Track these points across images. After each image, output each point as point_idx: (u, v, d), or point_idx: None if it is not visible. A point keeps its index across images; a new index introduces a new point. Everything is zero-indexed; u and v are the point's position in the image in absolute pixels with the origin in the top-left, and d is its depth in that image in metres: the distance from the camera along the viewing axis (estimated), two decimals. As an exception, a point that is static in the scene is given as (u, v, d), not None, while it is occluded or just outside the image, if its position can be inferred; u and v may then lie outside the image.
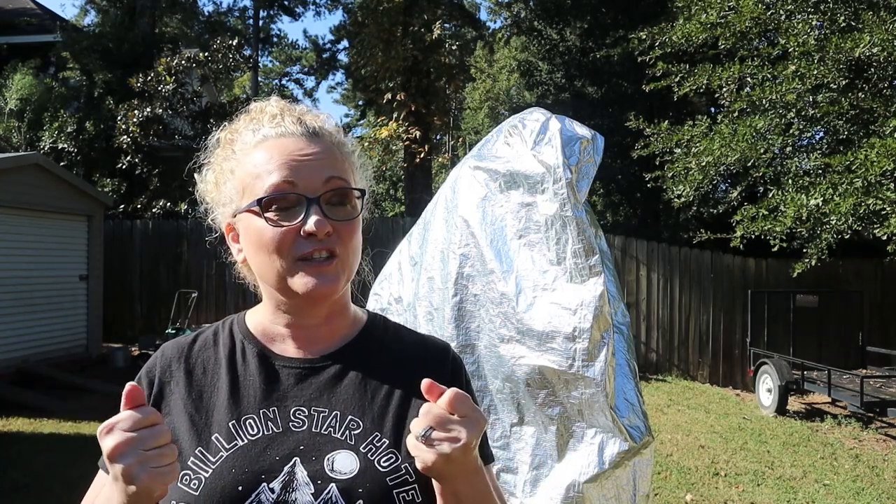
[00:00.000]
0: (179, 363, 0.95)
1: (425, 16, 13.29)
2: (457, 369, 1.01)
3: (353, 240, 0.91)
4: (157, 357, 0.98)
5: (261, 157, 0.89)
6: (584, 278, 2.09)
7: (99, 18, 17.61)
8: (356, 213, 0.91)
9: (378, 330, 1.01)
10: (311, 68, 28.88)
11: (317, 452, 0.86)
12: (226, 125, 0.99)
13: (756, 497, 4.74)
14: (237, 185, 0.92)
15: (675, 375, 9.18)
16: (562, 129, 2.22)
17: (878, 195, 5.33)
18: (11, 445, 5.48)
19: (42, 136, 10.98)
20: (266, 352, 0.94)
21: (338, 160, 0.92)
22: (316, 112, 0.99)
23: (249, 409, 0.89)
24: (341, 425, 0.88)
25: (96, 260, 8.88)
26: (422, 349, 1.01)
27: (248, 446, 0.86)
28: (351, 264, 0.91)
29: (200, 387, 0.93)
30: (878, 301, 9.14)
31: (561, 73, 15.47)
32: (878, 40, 5.51)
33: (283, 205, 0.87)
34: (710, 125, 7.14)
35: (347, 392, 0.91)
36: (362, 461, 0.86)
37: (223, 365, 0.94)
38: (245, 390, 0.91)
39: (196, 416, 0.90)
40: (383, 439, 0.88)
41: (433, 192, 9.76)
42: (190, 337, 1.00)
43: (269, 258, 0.87)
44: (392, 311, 2.70)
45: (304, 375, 0.92)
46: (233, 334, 0.98)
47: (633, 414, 2.12)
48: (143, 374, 0.96)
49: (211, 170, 0.98)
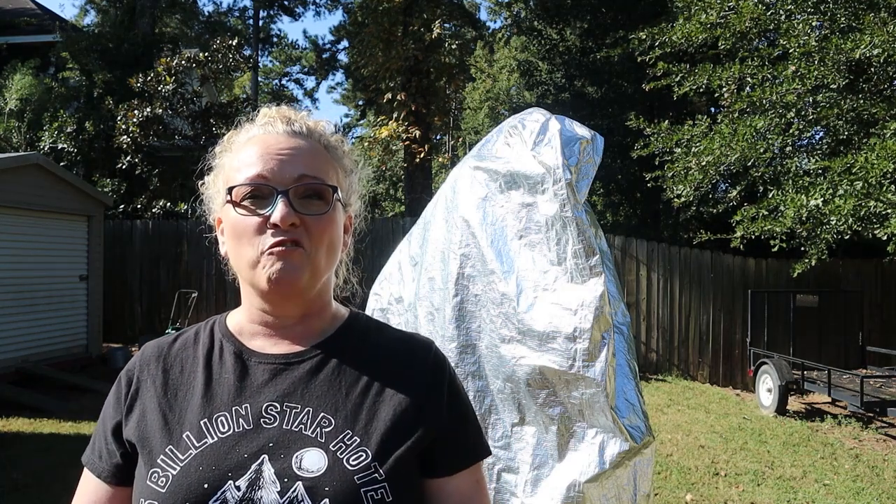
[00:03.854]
0: (158, 362, 0.96)
1: (425, 16, 13.28)
2: (438, 365, 0.99)
3: (325, 236, 0.90)
4: (137, 355, 0.99)
5: (245, 153, 0.93)
6: (584, 279, 2.09)
7: (99, 18, 17.63)
8: (326, 210, 0.91)
9: (359, 327, 1.00)
10: (311, 68, 28.90)
11: (285, 450, 0.85)
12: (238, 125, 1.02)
13: (756, 497, 4.74)
14: (224, 179, 0.95)
15: (675, 375, 9.18)
16: (562, 130, 2.22)
17: (879, 197, 5.33)
18: (11, 445, 5.48)
19: (42, 136, 10.98)
20: (242, 349, 0.95)
21: (318, 159, 0.93)
22: (317, 119, 1.01)
23: (222, 407, 0.89)
24: (312, 422, 0.88)
25: (96, 260, 8.88)
26: (402, 345, 1.00)
27: (217, 444, 0.86)
28: (319, 261, 0.90)
29: (176, 385, 0.93)
30: (878, 301, 9.14)
31: (561, 73, 15.46)
32: (879, 41, 5.51)
33: (256, 197, 0.89)
34: (710, 125, 7.14)
35: (321, 388, 0.91)
36: (330, 459, 0.85)
37: (200, 363, 0.94)
38: (219, 388, 0.91)
39: (170, 414, 0.90)
40: (354, 437, 0.87)
41: (433, 192, 9.76)
42: (172, 336, 1.00)
43: (240, 247, 0.89)
44: (392, 311, 2.70)
45: (279, 371, 0.92)
46: (213, 334, 0.98)
47: (634, 414, 2.12)
48: (124, 372, 0.97)
49: (213, 168, 1.01)
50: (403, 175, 17.05)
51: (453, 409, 0.96)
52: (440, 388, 0.96)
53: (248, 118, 1.01)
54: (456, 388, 0.99)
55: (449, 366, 1.01)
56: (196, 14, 21.67)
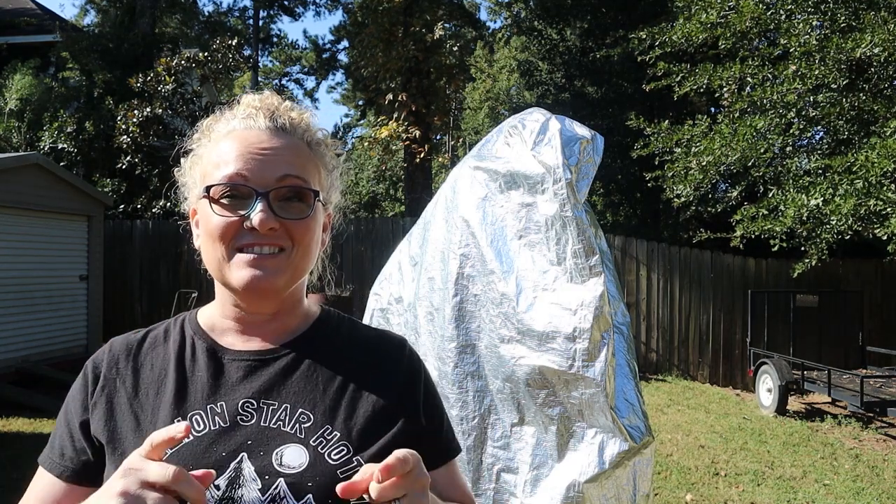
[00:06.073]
0: (128, 361, 0.93)
1: (426, 16, 13.29)
2: (414, 364, 0.99)
3: (306, 238, 0.89)
4: (104, 351, 0.96)
5: (225, 147, 0.90)
6: (584, 278, 2.09)
7: (99, 18, 17.63)
8: (308, 213, 0.89)
9: (332, 323, 1.00)
10: (311, 68, 28.90)
11: (265, 447, 0.84)
12: (215, 113, 0.99)
13: (756, 497, 4.74)
14: (201, 172, 0.93)
15: (675, 375, 9.18)
16: (562, 130, 2.22)
17: (879, 196, 5.33)
18: (11, 445, 5.48)
19: (42, 136, 10.98)
20: (215, 346, 0.93)
21: (301, 158, 0.91)
22: (301, 109, 0.98)
23: (196, 405, 0.87)
24: (291, 418, 0.87)
25: (96, 260, 8.88)
26: (377, 342, 1.00)
27: (193, 443, 0.84)
28: (300, 262, 0.90)
29: (148, 385, 0.91)
30: (878, 301, 9.14)
31: (561, 73, 15.45)
32: (879, 40, 5.51)
33: (234, 196, 0.87)
34: (711, 125, 7.14)
35: (298, 384, 0.90)
36: (312, 454, 0.84)
37: (171, 362, 0.92)
38: (192, 386, 0.89)
39: (142, 414, 0.88)
40: (334, 432, 0.87)
41: (433, 192, 9.76)
42: (140, 333, 0.98)
43: (213, 246, 0.88)
44: (392, 311, 2.70)
45: (254, 368, 0.91)
46: (184, 331, 0.96)
47: (634, 414, 2.12)
48: (90, 369, 0.94)
49: (191, 154, 0.98)
50: (403, 175, 17.04)
51: (430, 408, 0.98)
52: (417, 386, 0.97)
53: (230, 104, 0.98)
54: (431, 387, 1.01)
55: (423, 364, 1.02)
56: (196, 14, 21.67)
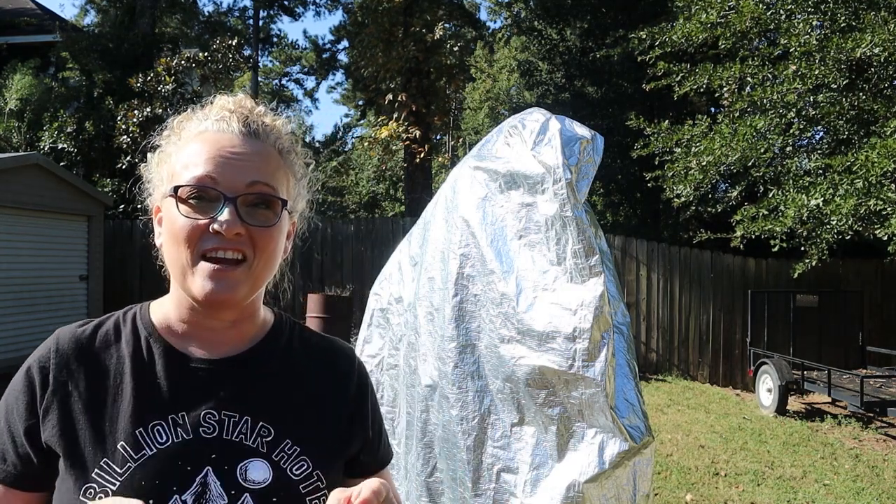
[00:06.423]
0: (79, 363, 0.88)
1: (426, 16, 13.29)
2: (362, 377, 1.03)
3: (269, 247, 0.88)
4: (50, 349, 0.89)
5: (195, 148, 0.89)
6: (584, 278, 2.09)
7: (99, 18, 17.63)
8: (274, 222, 0.88)
9: (285, 331, 1.00)
10: (311, 68, 28.89)
11: (229, 461, 0.84)
12: (188, 110, 0.98)
13: (756, 497, 4.74)
14: (169, 170, 0.91)
15: (675, 375, 9.18)
16: (562, 130, 2.22)
17: (879, 196, 5.33)
18: (11, 445, 5.48)
19: (42, 136, 10.97)
20: (172, 351, 0.90)
21: (271, 165, 0.90)
22: (273, 115, 0.97)
23: (157, 415, 0.85)
24: (252, 432, 0.87)
25: (96, 260, 8.88)
26: (331, 354, 1.02)
27: (157, 455, 0.82)
28: (261, 272, 0.89)
29: (104, 390, 0.86)
30: (878, 301, 9.14)
31: (561, 73, 15.45)
32: (879, 40, 5.51)
33: (202, 198, 0.86)
34: (711, 125, 7.14)
35: (258, 397, 0.90)
36: (275, 470, 0.85)
37: (127, 365, 0.88)
38: (151, 393, 0.86)
39: (100, 422, 0.84)
40: (294, 446, 0.88)
41: (433, 192, 9.76)
42: (89, 329, 0.92)
43: (177, 248, 0.86)
44: (392, 310, 2.70)
45: (214, 377, 0.89)
46: (137, 329, 0.92)
47: (634, 414, 2.12)
48: (36, 368, 0.87)
49: (158, 150, 0.97)
50: (403, 175, 17.05)
51: (375, 421, 1.04)
52: (366, 398, 1.02)
53: (202, 105, 0.97)
54: (375, 398, 1.06)
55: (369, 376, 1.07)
56: (196, 14, 21.66)
